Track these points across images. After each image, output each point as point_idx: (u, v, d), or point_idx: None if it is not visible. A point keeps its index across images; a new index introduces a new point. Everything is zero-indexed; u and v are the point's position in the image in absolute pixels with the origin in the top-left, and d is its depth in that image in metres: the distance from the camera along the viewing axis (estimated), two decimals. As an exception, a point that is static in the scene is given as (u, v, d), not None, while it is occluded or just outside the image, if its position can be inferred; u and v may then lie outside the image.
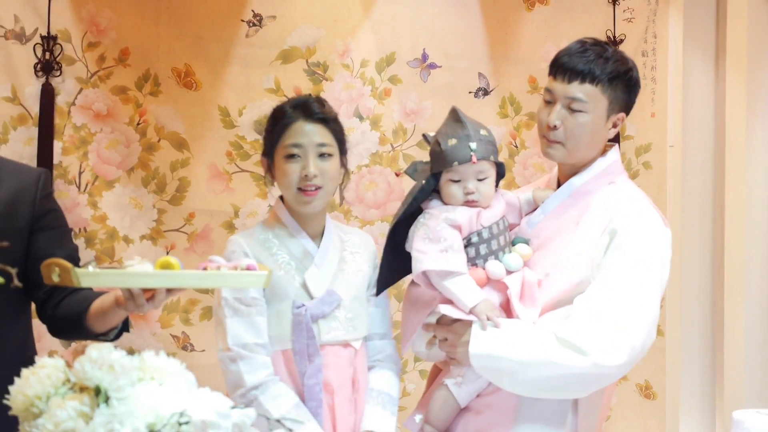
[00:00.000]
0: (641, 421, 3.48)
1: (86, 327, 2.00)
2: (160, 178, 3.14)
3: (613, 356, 1.97)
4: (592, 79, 2.07)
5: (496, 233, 2.10)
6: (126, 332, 2.08)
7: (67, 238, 2.17)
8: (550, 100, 2.12)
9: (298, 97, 2.30)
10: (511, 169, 3.39)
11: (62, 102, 3.04)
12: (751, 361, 3.67)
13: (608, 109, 2.11)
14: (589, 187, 2.15)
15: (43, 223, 2.09)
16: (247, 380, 2.07)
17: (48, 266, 1.70)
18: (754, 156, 3.72)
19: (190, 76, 3.16)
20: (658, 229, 2.10)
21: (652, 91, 3.48)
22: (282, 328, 2.12)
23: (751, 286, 3.69)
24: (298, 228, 2.20)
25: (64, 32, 3.03)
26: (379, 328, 2.26)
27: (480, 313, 2.02)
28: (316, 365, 2.10)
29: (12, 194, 2.05)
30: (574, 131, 2.09)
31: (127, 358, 1.45)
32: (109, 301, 1.91)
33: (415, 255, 2.08)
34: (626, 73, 2.12)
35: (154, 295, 1.79)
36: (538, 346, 1.99)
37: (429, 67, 3.33)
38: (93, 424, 1.37)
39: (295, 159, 2.14)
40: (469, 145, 2.05)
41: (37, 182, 2.11)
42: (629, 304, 2.00)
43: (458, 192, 2.09)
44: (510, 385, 2.03)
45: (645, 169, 3.48)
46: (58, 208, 2.17)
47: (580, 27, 3.39)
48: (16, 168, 2.14)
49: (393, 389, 2.24)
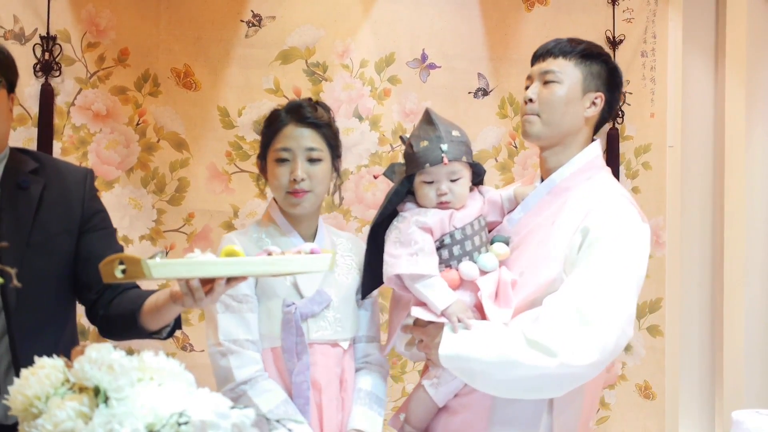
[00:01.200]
0: (641, 421, 3.49)
1: (140, 325, 1.99)
2: (159, 179, 3.14)
3: (582, 355, 1.96)
4: (564, 54, 2.15)
5: (470, 234, 2.11)
6: (179, 329, 2.07)
7: (114, 239, 2.18)
8: (529, 85, 2.19)
9: (294, 100, 2.31)
10: (511, 169, 3.39)
11: (62, 102, 3.04)
12: (750, 362, 3.67)
13: (583, 83, 2.15)
14: (568, 184, 2.16)
15: (91, 224, 2.09)
16: (237, 375, 2.09)
17: (110, 263, 1.67)
18: (754, 156, 3.72)
19: (189, 77, 3.16)
20: (633, 225, 2.08)
21: (651, 91, 3.48)
22: (272, 326, 2.14)
23: (751, 287, 3.69)
24: (290, 228, 2.22)
25: (63, 32, 3.03)
26: (367, 331, 2.29)
27: (451, 315, 2.03)
28: (304, 363, 2.12)
29: (60, 194, 2.05)
30: (548, 101, 2.13)
31: (126, 359, 1.45)
32: (164, 297, 1.90)
33: (386, 259, 2.10)
34: (600, 55, 2.19)
35: (213, 288, 1.77)
36: (507, 347, 1.99)
37: (428, 68, 3.33)
38: (92, 425, 1.37)
39: (285, 163, 2.17)
40: (440, 147, 2.07)
41: (84, 182, 2.11)
42: (600, 302, 1.98)
43: (431, 193, 2.10)
44: (483, 386, 2.04)
45: (644, 169, 3.48)
46: (104, 209, 2.17)
47: (579, 27, 3.39)
48: (61, 167, 2.14)
49: (380, 391, 2.26)
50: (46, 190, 2.04)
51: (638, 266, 2.07)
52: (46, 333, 2.00)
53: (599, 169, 2.19)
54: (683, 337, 3.60)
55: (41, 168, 2.06)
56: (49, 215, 2.02)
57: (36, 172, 2.05)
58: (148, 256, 1.68)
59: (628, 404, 3.49)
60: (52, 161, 2.12)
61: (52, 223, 2.02)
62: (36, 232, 1.98)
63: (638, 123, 3.48)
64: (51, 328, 2.03)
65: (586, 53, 2.16)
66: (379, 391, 2.25)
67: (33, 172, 2.04)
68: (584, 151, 2.18)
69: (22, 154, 2.10)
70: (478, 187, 2.22)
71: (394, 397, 3.24)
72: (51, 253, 2.00)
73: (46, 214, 2.02)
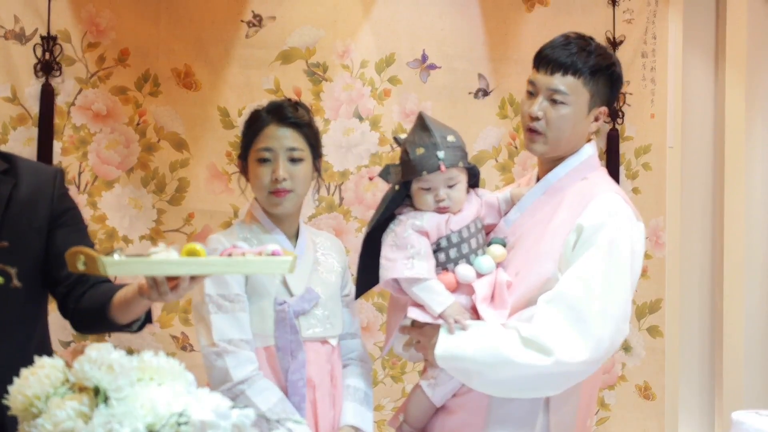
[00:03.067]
0: (640, 421, 3.49)
1: (110, 319, 1.98)
2: (159, 179, 3.14)
3: (576, 353, 1.96)
4: (574, 72, 2.09)
5: (466, 236, 2.11)
6: (149, 323, 2.07)
7: (84, 235, 2.17)
8: (533, 91, 2.14)
9: (275, 101, 2.32)
10: (511, 170, 3.39)
11: (62, 102, 3.04)
12: (750, 362, 3.67)
13: (590, 102, 2.12)
14: (563, 183, 2.15)
15: (61, 221, 2.09)
16: (234, 375, 2.09)
17: (73, 254, 1.69)
18: (754, 156, 3.72)
19: (189, 77, 3.16)
20: (628, 223, 2.08)
21: (651, 92, 3.48)
22: (264, 325, 2.15)
23: (751, 287, 3.69)
24: (273, 227, 2.23)
25: (63, 32, 3.03)
26: (350, 328, 2.32)
27: (448, 317, 2.04)
28: (299, 361, 2.13)
29: (30, 193, 2.05)
30: (555, 123, 2.10)
31: (126, 358, 1.45)
32: (132, 291, 1.90)
33: (383, 263, 2.09)
34: (608, 67, 2.13)
35: (178, 284, 1.78)
36: (502, 347, 1.99)
37: (428, 68, 3.33)
38: (92, 425, 1.37)
39: (267, 163, 2.18)
40: (436, 154, 2.06)
41: (54, 180, 2.11)
42: (594, 300, 1.98)
43: (429, 200, 2.10)
44: (480, 385, 2.04)
45: (645, 170, 3.48)
46: (75, 206, 2.17)
47: (579, 28, 3.35)
48: (32, 167, 2.15)
49: (368, 387, 2.29)
50: (15, 189, 2.04)
51: (633, 264, 2.07)
52: (17, 332, 2.01)
53: (594, 168, 2.19)
54: (683, 338, 3.60)
55: (11, 168, 2.07)
56: (18, 215, 2.02)
57: (6, 172, 2.05)
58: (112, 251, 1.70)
59: (628, 405, 3.49)
60: (22, 161, 2.12)
61: (21, 222, 2.02)
62: (5, 232, 1.98)
63: (638, 123, 3.48)
64: (22, 327, 2.03)
65: (594, 69, 2.10)
66: (366, 387, 2.29)
67: (3, 173, 2.05)
68: (579, 151, 2.17)
69: None
70: (474, 190, 2.22)
71: (395, 397, 3.25)
72: (20, 252, 2.00)
73: (15, 213, 2.02)
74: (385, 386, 3.28)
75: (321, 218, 3.24)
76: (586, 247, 2.02)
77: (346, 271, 2.33)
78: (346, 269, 2.33)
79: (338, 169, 3.24)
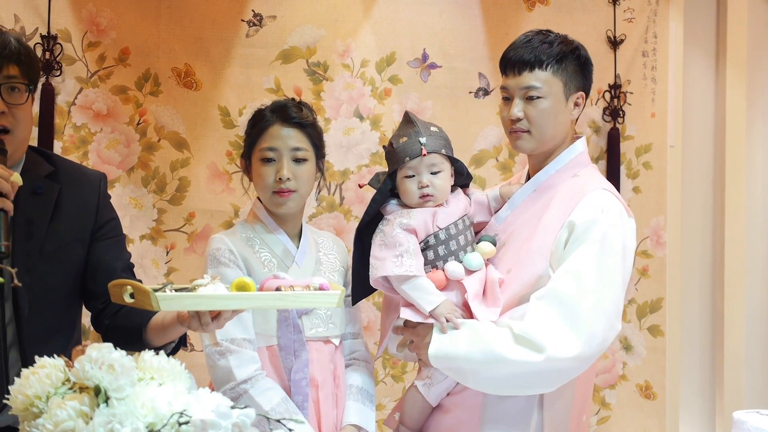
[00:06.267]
0: (641, 421, 3.49)
1: (145, 340, 1.99)
2: (160, 178, 3.14)
3: (568, 348, 1.97)
4: (541, 65, 2.11)
5: (454, 234, 2.12)
6: (183, 347, 2.08)
7: (123, 247, 2.17)
8: (508, 96, 2.16)
9: (279, 100, 2.33)
10: (512, 169, 3.39)
11: (62, 102, 3.04)
12: (750, 362, 3.67)
13: (565, 90, 2.14)
14: (554, 181, 2.16)
15: (103, 232, 2.08)
16: (237, 374, 2.09)
17: (119, 286, 1.68)
18: (754, 156, 3.72)
19: (190, 76, 3.16)
20: (619, 219, 2.09)
21: (652, 91, 3.48)
22: (267, 325, 2.15)
23: (751, 287, 3.69)
24: (276, 227, 2.24)
25: (64, 32, 3.03)
26: (352, 328, 2.32)
27: (439, 315, 2.05)
28: (303, 360, 2.13)
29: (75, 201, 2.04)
30: (537, 119, 2.12)
31: (127, 358, 1.45)
32: (170, 318, 1.91)
33: (372, 262, 2.12)
34: (573, 51, 2.15)
35: (220, 314, 1.79)
36: (495, 345, 2.00)
37: (429, 67, 3.33)
38: (93, 424, 1.37)
39: (271, 162, 2.19)
40: (419, 140, 2.11)
41: (98, 189, 2.10)
42: (586, 296, 1.99)
43: (413, 187, 2.12)
44: (474, 384, 2.05)
45: (645, 169, 3.48)
46: (116, 216, 2.17)
47: (580, 27, 3.39)
48: (75, 170, 2.13)
49: (370, 386, 2.30)
50: (61, 196, 2.02)
51: (625, 260, 2.07)
52: (55, 340, 2.00)
53: (584, 165, 2.20)
54: (684, 337, 3.60)
55: (56, 172, 2.05)
56: (64, 224, 2.01)
57: (51, 176, 2.03)
58: (156, 286, 1.69)
59: (628, 404, 3.49)
60: (67, 164, 2.09)
61: (65, 231, 2.01)
62: (49, 241, 1.97)
63: (639, 123, 3.48)
64: (60, 336, 2.03)
65: (560, 56, 2.12)
66: (369, 386, 2.29)
67: (49, 177, 2.02)
68: (570, 147, 2.19)
69: (38, 156, 2.08)
70: (463, 189, 2.23)
71: (395, 397, 3.25)
72: (63, 262, 1.99)
73: (61, 222, 2.01)
74: (385, 386, 3.28)
75: (322, 218, 3.24)
76: (578, 243, 2.03)
77: (348, 270, 2.33)
78: (348, 268, 2.34)
79: (339, 169, 3.24)
